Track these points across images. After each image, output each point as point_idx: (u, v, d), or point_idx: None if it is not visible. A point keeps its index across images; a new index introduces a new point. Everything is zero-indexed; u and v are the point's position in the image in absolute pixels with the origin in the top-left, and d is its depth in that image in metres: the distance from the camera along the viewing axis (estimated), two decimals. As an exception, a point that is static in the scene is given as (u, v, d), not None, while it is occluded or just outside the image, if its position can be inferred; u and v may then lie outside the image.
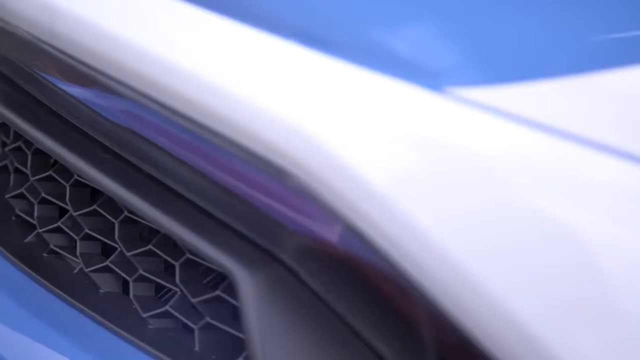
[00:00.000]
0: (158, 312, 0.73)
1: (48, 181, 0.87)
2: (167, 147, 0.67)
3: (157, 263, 0.76)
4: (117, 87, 0.65)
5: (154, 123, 0.66)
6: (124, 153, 0.72)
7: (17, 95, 0.84)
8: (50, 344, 0.75)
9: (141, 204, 0.69)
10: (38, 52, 0.74)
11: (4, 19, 0.77)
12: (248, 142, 0.57)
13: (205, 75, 0.57)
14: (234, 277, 0.62)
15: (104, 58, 0.63)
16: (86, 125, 0.75)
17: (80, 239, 0.81)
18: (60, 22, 0.66)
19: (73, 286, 0.80)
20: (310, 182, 0.54)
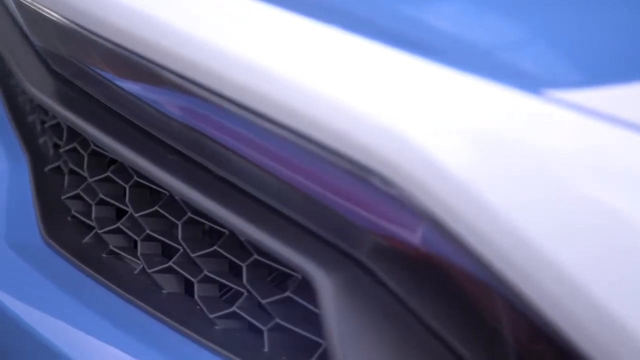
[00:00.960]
0: (225, 313, 0.73)
1: (105, 182, 0.87)
2: (239, 149, 0.67)
3: (222, 264, 0.76)
4: (195, 90, 0.65)
5: (230, 125, 0.66)
6: (192, 155, 0.72)
7: (80, 98, 0.83)
8: (118, 344, 0.74)
9: (214, 206, 0.68)
10: (109, 53, 0.74)
11: (67, 17, 0.77)
12: (336, 144, 0.56)
13: (298, 78, 0.57)
14: (312, 280, 0.62)
15: (195, 64, 0.62)
16: (153, 127, 0.74)
17: (141, 239, 0.81)
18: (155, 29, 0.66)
19: (135, 287, 0.79)
20: (401, 182, 0.53)
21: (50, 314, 0.79)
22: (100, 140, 0.79)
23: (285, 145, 0.61)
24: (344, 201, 0.60)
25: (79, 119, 0.81)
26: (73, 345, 0.76)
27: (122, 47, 0.72)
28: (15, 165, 0.96)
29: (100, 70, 0.77)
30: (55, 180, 0.95)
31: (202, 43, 0.63)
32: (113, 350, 0.74)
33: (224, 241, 0.75)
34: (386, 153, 0.54)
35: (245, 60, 0.59)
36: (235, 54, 0.60)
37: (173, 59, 0.66)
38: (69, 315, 0.78)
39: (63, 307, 0.79)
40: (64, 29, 0.79)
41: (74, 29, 0.77)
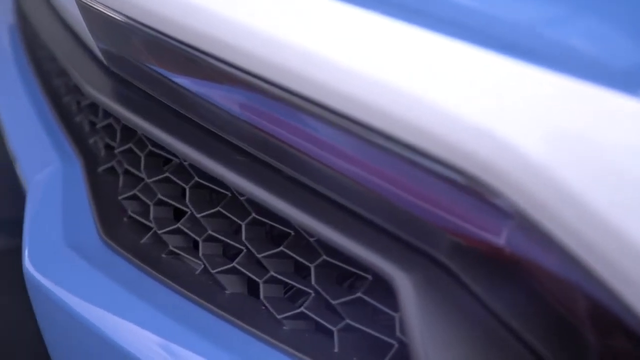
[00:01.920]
0: (293, 314, 0.73)
1: (163, 183, 0.87)
2: (316, 151, 0.67)
3: (287, 264, 0.76)
4: (274, 90, 0.65)
5: (306, 126, 0.66)
6: (261, 155, 0.72)
7: (140, 98, 0.83)
8: (185, 344, 0.74)
9: (286, 206, 0.68)
10: (175, 52, 0.74)
11: (135, 18, 0.76)
12: (424, 143, 0.56)
13: (388, 78, 0.57)
14: (392, 280, 0.62)
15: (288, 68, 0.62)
16: (221, 128, 0.74)
17: (202, 240, 0.81)
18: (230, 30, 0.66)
19: (198, 287, 0.79)
20: (492, 181, 0.53)
21: (115, 313, 0.78)
22: (166, 141, 0.79)
23: (365, 146, 0.61)
24: (425, 201, 0.60)
25: (143, 119, 0.81)
26: (139, 345, 0.76)
27: (191, 45, 0.71)
28: (68, 166, 0.96)
29: (165, 70, 0.77)
30: (109, 181, 0.95)
31: (284, 44, 0.63)
32: (179, 349, 0.74)
33: (288, 242, 0.75)
34: (478, 152, 0.54)
35: (331, 60, 0.59)
36: (320, 53, 0.60)
37: (247, 57, 0.66)
38: (134, 315, 0.78)
39: (127, 306, 0.79)
40: (129, 29, 0.79)
41: (140, 29, 0.77)
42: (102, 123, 0.98)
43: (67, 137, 1.02)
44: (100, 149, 0.99)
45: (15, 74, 1.22)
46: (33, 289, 0.84)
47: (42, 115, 1.09)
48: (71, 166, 0.96)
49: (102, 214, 0.89)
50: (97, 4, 0.81)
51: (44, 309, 0.84)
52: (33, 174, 0.97)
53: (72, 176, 0.95)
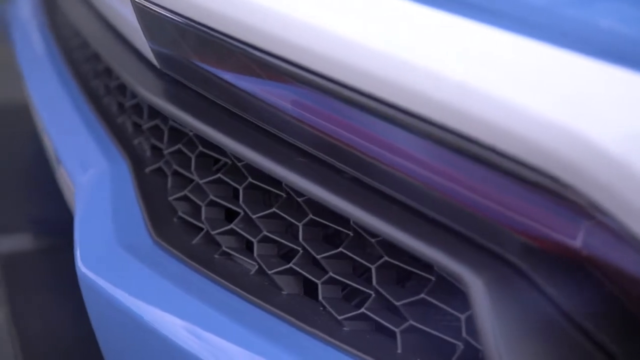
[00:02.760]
0: (353, 315, 0.73)
1: (214, 183, 0.87)
2: (381, 153, 0.67)
3: (345, 265, 0.76)
4: (342, 91, 0.65)
5: (376, 129, 0.66)
6: (325, 157, 0.72)
7: (194, 99, 0.83)
8: (243, 343, 0.74)
9: (352, 208, 0.68)
10: (236, 53, 0.74)
11: (197, 20, 0.76)
12: (505, 145, 0.56)
13: (471, 81, 0.57)
14: (462, 280, 0.62)
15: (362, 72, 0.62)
16: (284, 130, 0.74)
17: (257, 241, 0.81)
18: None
19: (254, 287, 0.79)
20: (580, 185, 0.54)
21: (173, 312, 0.78)
22: (224, 143, 0.78)
23: (439, 148, 0.61)
24: (501, 203, 0.60)
25: (200, 121, 0.80)
26: (197, 343, 0.76)
27: (251, 45, 0.71)
28: (114, 167, 0.96)
29: (222, 71, 0.77)
30: (157, 181, 0.94)
31: (359, 45, 0.63)
32: (238, 349, 0.74)
33: (347, 243, 0.75)
34: (559, 151, 0.54)
35: (415, 63, 0.59)
36: (402, 56, 0.59)
37: (316, 58, 0.66)
38: (191, 314, 0.78)
39: (183, 305, 0.79)
40: (186, 30, 0.79)
41: (198, 29, 0.77)
42: (148, 124, 0.98)
43: (111, 138, 1.02)
44: (146, 150, 0.99)
45: (53, 76, 1.22)
46: (86, 288, 0.84)
47: (84, 116, 1.09)
48: (117, 167, 0.96)
49: (152, 215, 0.89)
50: (153, 5, 0.81)
51: (97, 308, 0.84)
52: (79, 175, 0.97)
53: (119, 177, 0.95)
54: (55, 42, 1.33)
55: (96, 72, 1.18)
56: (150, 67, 0.92)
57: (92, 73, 1.19)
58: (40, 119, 1.15)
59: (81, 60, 1.25)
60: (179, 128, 0.93)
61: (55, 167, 1.09)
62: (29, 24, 1.44)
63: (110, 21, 1.03)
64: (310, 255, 0.78)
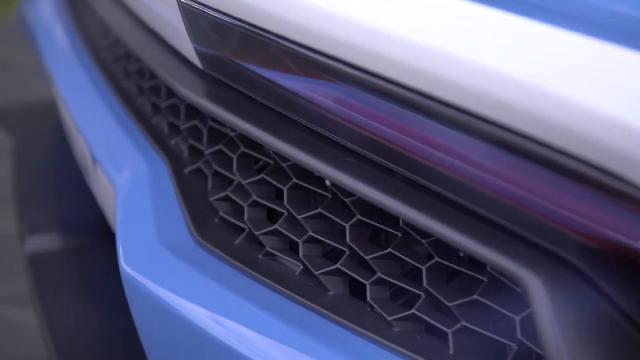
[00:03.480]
0: (404, 316, 0.73)
1: (257, 184, 0.87)
2: (433, 154, 0.66)
3: (394, 266, 0.76)
4: (395, 91, 0.65)
5: (429, 130, 0.65)
6: (376, 158, 0.72)
7: (240, 100, 0.83)
8: (292, 344, 0.74)
9: (407, 209, 0.68)
10: (286, 53, 0.74)
11: (247, 20, 0.76)
12: (566, 144, 0.56)
13: (535, 80, 0.56)
14: (522, 282, 0.61)
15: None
16: (333, 131, 0.74)
17: (303, 241, 0.81)
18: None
19: (300, 287, 0.79)
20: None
21: (218, 312, 0.78)
22: (270, 143, 0.78)
23: (497, 151, 0.61)
24: (558, 203, 0.60)
25: (247, 122, 0.80)
26: (246, 343, 0.76)
27: (304, 45, 0.71)
28: (153, 167, 0.96)
29: (271, 71, 0.77)
30: (196, 182, 0.94)
31: (419, 45, 0.63)
32: (288, 349, 0.74)
33: (396, 243, 0.75)
34: (632, 154, 0.54)
35: (478, 64, 0.59)
36: (459, 55, 0.59)
37: (371, 57, 0.66)
38: (238, 314, 0.78)
39: (230, 305, 0.79)
40: (235, 30, 0.78)
41: (247, 30, 0.77)
42: (187, 125, 0.98)
43: (147, 139, 1.02)
44: (184, 150, 0.99)
45: (84, 77, 1.22)
46: (130, 287, 0.84)
47: (118, 117, 1.09)
48: (155, 167, 0.96)
49: (193, 215, 0.89)
50: (200, 5, 0.81)
51: (141, 307, 0.84)
52: (117, 176, 0.97)
53: (158, 177, 0.95)
54: (83, 42, 1.33)
55: (127, 72, 1.18)
56: (191, 67, 0.92)
57: (123, 73, 1.19)
58: (72, 119, 1.14)
59: (110, 60, 1.24)
60: (218, 129, 0.93)
61: (90, 168, 1.08)
62: (54, 25, 1.43)
63: (147, 22, 1.03)
64: (356, 256, 0.78)
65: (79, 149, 1.16)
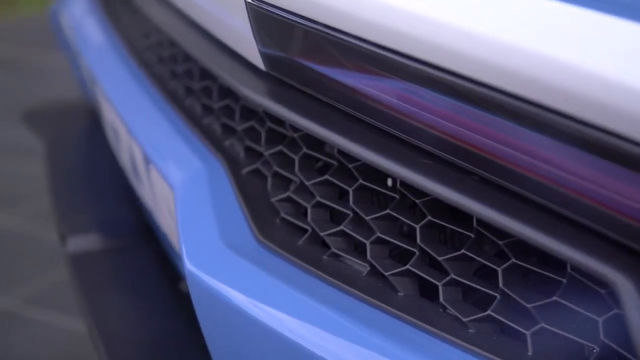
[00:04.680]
0: (479, 317, 0.72)
1: (320, 185, 0.86)
2: (515, 156, 0.66)
3: (466, 266, 0.75)
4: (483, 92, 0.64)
5: (512, 133, 0.65)
6: (453, 160, 0.71)
7: (311, 103, 0.82)
8: (364, 343, 0.73)
9: (488, 210, 0.67)
10: (363, 54, 0.73)
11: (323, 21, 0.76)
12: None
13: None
14: (612, 284, 0.61)
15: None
16: (407, 132, 0.74)
17: (370, 242, 0.80)
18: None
19: (368, 288, 0.79)
20: None
21: (286, 311, 0.78)
22: (340, 144, 0.78)
23: (582, 151, 0.61)
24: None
25: (316, 123, 0.80)
26: (316, 343, 0.75)
27: (383, 46, 0.71)
28: (209, 168, 0.96)
29: (344, 72, 0.77)
30: (254, 182, 0.94)
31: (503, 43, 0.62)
32: (360, 349, 0.73)
33: (470, 244, 0.74)
34: None
35: (555, 57, 0.58)
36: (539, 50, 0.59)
37: (454, 57, 0.66)
38: (306, 313, 0.77)
39: (297, 304, 0.78)
40: (307, 30, 0.78)
41: (321, 30, 0.76)
42: (243, 126, 0.97)
43: (201, 139, 1.01)
44: (239, 151, 0.98)
45: (129, 78, 1.21)
46: (194, 286, 0.84)
47: (169, 118, 1.08)
48: (212, 168, 0.96)
49: (254, 215, 0.89)
50: (269, 6, 0.81)
51: (206, 305, 0.83)
52: (174, 176, 0.96)
53: (216, 177, 0.94)
54: (124, 43, 1.32)
55: (174, 73, 1.17)
56: (252, 69, 0.91)
57: (169, 75, 1.18)
58: (121, 121, 1.14)
59: (154, 61, 1.24)
60: (276, 129, 0.93)
61: (140, 169, 1.08)
62: (92, 26, 1.43)
63: (203, 25, 1.02)
64: (426, 257, 0.77)
65: (126, 150, 1.15)
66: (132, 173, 1.17)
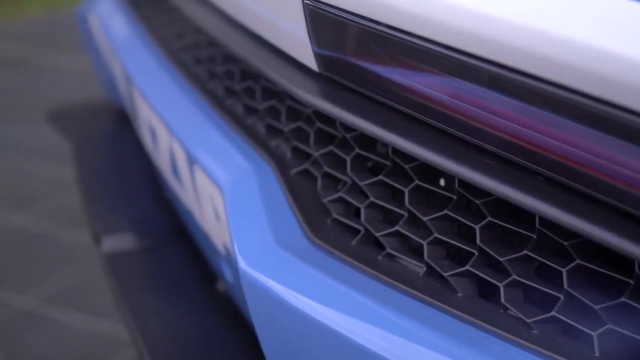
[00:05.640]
0: (543, 318, 0.71)
1: (374, 185, 0.86)
2: (584, 157, 0.65)
3: (527, 267, 0.75)
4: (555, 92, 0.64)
5: (582, 134, 0.64)
6: (517, 160, 0.70)
7: (368, 104, 0.82)
8: (426, 344, 0.73)
9: (566, 215, 0.66)
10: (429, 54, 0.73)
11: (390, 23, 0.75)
12: None
13: None
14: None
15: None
16: (469, 132, 0.73)
17: (427, 243, 0.80)
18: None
19: (427, 288, 0.78)
20: None
21: (344, 311, 0.77)
22: (399, 144, 0.77)
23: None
24: None
25: (374, 124, 0.79)
26: (379, 343, 0.74)
27: (451, 47, 0.70)
28: (257, 168, 0.95)
29: (407, 73, 0.76)
30: (303, 182, 0.93)
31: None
32: (422, 349, 0.73)
33: (532, 244, 0.74)
34: None
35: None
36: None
37: (530, 58, 0.65)
38: (364, 313, 0.76)
39: (355, 304, 0.78)
40: (369, 31, 0.77)
41: (385, 31, 0.76)
42: (290, 126, 0.97)
43: (246, 140, 1.01)
44: (286, 152, 0.97)
45: (168, 79, 1.20)
46: (248, 285, 0.83)
47: (211, 119, 1.07)
48: (260, 168, 0.95)
49: (306, 215, 0.88)
50: (328, 7, 0.80)
51: (260, 305, 0.83)
52: (222, 176, 0.95)
53: (264, 177, 0.94)
54: (160, 44, 1.32)
55: (212, 74, 1.17)
56: (302, 69, 0.91)
57: (207, 75, 1.18)
58: (161, 121, 1.13)
59: (190, 62, 1.23)
60: (326, 130, 0.92)
61: (182, 169, 1.07)
62: (126, 28, 1.42)
63: (247, 24, 1.01)
64: (485, 257, 0.76)
65: (166, 150, 1.14)
66: (170, 173, 1.17)
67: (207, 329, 1.11)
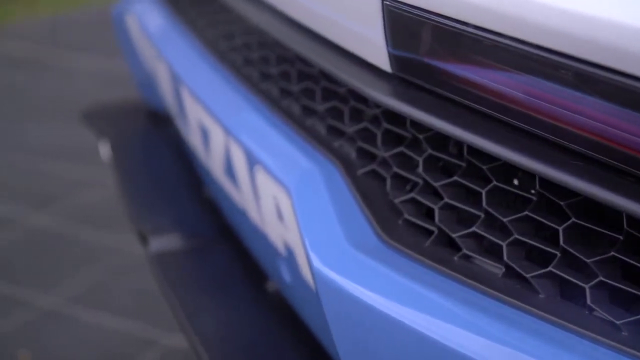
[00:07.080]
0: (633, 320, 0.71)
1: (448, 186, 0.85)
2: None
3: (614, 268, 0.74)
4: None
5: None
6: (607, 160, 0.70)
7: (445, 104, 0.81)
8: (513, 345, 0.72)
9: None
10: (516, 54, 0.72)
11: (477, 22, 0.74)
12: None
13: None
14: None
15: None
16: (555, 133, 0.72)
17: (506, 244, 0.79)
18: None
19: (507, 289, 0.77)
20: None
21: (423, 311, 0.77)
22: (480, 144, 0.76)
23: None
24: None
25: (454, 125, 0.78)
26: (461, 343, 0.74)
27: (539, 46, 0.69)
28: (323, 168, 0.94)
29: (491, 72, 0.75)
30: (370, 183, 0.93)
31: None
32: (506, 349, 0.72)
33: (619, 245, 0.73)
34: None
35: None
36: None
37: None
38: (443, 313, 0.76)
39: (432, 304, 0.77)
40: (452, 31, 0.77)
41: (467, 31, 0.75)
42: (356, 127, 0.96)
43: (307, 141, 1.00)
44: (351, 152, 0.97)
45: (220, 81, 1.20)
46: (323, 285, 0.82)
47: (270, 120, 1.07)
48: (325, 168, 0.94)
49: (377, 216, 0.87)
50: (410, 7, 0.79)
51: (336, 305, 0.82)
52: (287, 177, 0.94)
53: (331, 178, 0.93)
54: (207, 44, 1.31)
55: (265, 74, 1.16)
56: (371, 69, 0.90)
57: (260, 76, 1.17)
58: (216, 122, 1.12)
59: (242, 63, 1.22)
60: (394, 130, 0.92)
61: (242, 169, 1.06)
62: (171, 28, 1.41)
63: (310, 26, 1.01)
64: (568, 258, 0.76)
65: (220, 151, 1.13)
66: (222, 173, 1.16)
67: (261, 328, 1.10)
